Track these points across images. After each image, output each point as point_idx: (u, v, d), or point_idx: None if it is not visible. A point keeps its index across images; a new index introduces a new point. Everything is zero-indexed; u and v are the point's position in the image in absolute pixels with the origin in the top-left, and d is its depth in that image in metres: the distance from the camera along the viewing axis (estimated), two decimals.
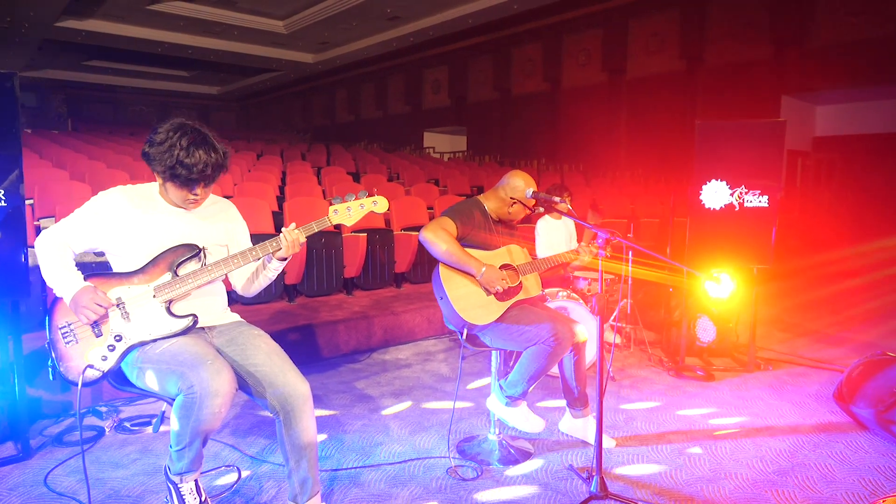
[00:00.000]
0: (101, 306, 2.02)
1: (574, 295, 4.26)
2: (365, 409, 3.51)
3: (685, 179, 9.12)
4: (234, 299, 4.89)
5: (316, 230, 2.20)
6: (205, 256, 2.19)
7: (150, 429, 3.13)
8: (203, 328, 2.22)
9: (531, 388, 2.81)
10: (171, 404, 2.03)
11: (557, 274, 4.06)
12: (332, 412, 3.46)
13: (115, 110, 24.49)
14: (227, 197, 5.93)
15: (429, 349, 4.81)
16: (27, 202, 5.09)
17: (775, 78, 10.95)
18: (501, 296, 2.73)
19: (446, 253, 2.66)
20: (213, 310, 2.26)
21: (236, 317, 2.35)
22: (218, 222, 2.29)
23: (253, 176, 7.76)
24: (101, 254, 2.23)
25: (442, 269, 2.72)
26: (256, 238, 2.30)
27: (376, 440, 3.07)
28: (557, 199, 2.60)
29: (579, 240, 6.54)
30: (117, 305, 2.07)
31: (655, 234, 7.49)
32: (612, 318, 4.74)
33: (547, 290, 4.30)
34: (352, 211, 2.23)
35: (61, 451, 2.87)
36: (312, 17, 16.34)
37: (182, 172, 2.02)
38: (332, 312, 4.82)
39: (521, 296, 2.81)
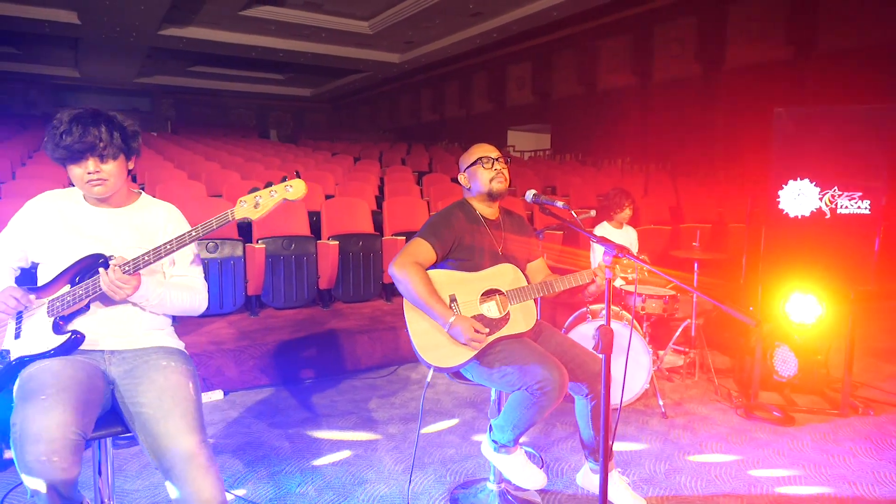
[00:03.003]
0: (16, 300, 1.78)
1: (625, 314, 3.67)
2: (365, 435, 3.13)
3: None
4: (264, 303, 4.70)
5: (215, 227, 1.81)
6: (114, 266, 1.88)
7: None
8: (102, 351, 1.88)
9: (521, 438, 2.30)
10: None
11: (574, 298, 3.47)
12: (328, 436, 3.11)
13: (217, 113, 25.84)
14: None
15: None
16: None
17: None
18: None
19: (411, 295, 2.22)
20: (124, 331, 1.91)
21: (169, 342, 1.99)
22: (144, 225, 1.97)
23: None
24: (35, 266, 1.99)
25: None
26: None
27: (363, 477, 2.68)
28: (560, 203, 2.08)
29: (640, 251, 5.86)
30: (17, 319, 1.82)
31: (740, 241, 6.60)
32: (673, 340, 4.08)
33: (591, 307, 3.74)
34: (261, 200, 1.83)
35: None
36: (396, 17, 16.29)
37: (65, 143, 1.76)
38: (359, 322, 4.49)
39: (503, 332, 2.25)
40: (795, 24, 10.99)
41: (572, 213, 2.05)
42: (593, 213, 4.17)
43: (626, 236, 4.35)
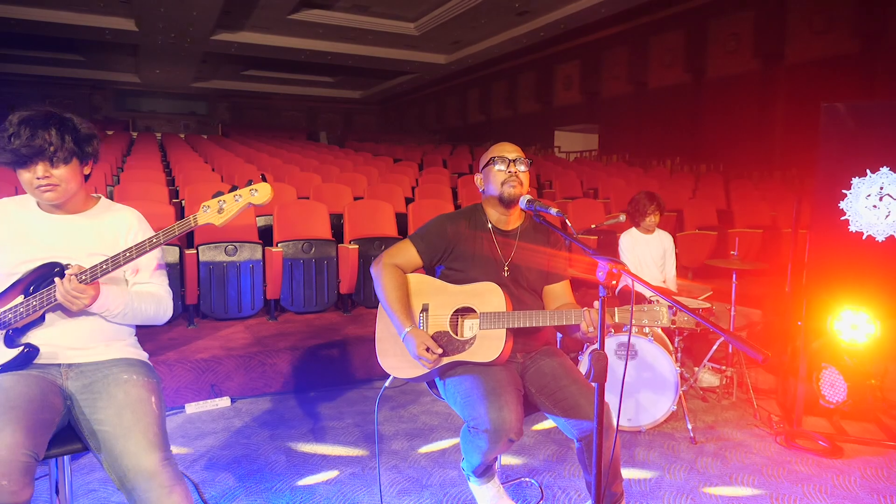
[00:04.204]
0: None
1: (655, 329, 3.39)
2: (365, 452, 2.98)
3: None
4: (284, 307, 4.63)
5: (177, 233, 1.75)
6: (75, 275, 1.78)
7: None
8: (59, 365, 1.79)
9: (481, 472, 2.09)
10: None
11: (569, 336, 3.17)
12: (328, 451, 2.97)
13: (269, 116, 26.43)
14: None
15: None
16: None
17: None
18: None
19: (380, 297, 2.09)
20: (83, 343, 1.82)
21: (129, 353, 1.89)
22: (106, 230, 1.87)
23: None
24: None
25: None
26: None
27: (355, 498, 2.53)
28: (554, 210, 1.85)
29: (682, 258, 5.50)
30: None
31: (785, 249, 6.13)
32: (708, 356, 3.76)
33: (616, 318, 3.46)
34: (225, 205, 1.77)
35: None
36: (442, 17, 16.21)
37: (13, 146, 1.66)
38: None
39: (460, 356, 2.01)
40: (863, 15, 10.24)
41: (566, 220, 1.82)
42: (623, 217, 3.91)
43: (659, 243, 4.05)
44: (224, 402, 3.54)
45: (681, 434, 3.20)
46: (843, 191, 3.07)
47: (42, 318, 1.77)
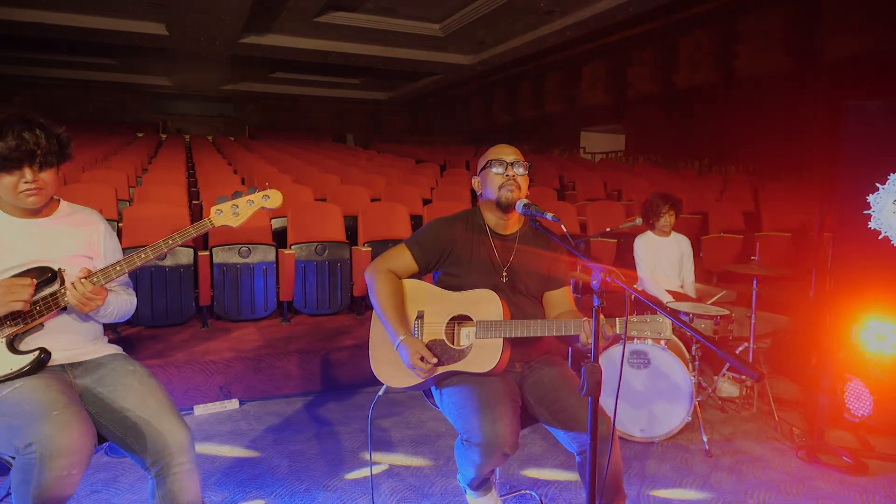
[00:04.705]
0: None
1: (672, 337, 3.27)
2: (366, 460, 2.93)
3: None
4: (297, 309, 4.63)
5: (194, 234, 1.83)
6: (62, 280, 1.78)
7: None
8: (63, 366, 1.83)
9: (477, 485, 2.02)
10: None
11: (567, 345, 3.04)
12: (328, 457, 2.93)
13: (296, 118, 26.69)
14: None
15: None
16: None
17: None
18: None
19: (374, 304, 2.04)
20: (77, 343, 1.87)
21: (113, 349, 1.96)
22: (78, 232, 1.90)
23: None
24: None
25: None
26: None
27: None
28: (550, 215, 1.78)
29: (702, 262, 5.34)
30: None
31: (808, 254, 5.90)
32: (727, 366, 3.63)
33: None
34: (239, 209, 1.90)
35: None
36: (467, 18, 16.12)
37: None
38: None
39: (456, 366, 1.95)
40: None
41: (562, 226, 1.75)
42: (639, 220, 3.81)
43: (676, 246, 3.93)
44: (232, 404, 3.54)
45: (696, 446, 3.09)
46: (870, 195, 2.91)
47: (41, 324, 1.78)
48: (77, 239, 1.89)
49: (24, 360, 1.72)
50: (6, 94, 20.34)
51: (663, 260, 3.91)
